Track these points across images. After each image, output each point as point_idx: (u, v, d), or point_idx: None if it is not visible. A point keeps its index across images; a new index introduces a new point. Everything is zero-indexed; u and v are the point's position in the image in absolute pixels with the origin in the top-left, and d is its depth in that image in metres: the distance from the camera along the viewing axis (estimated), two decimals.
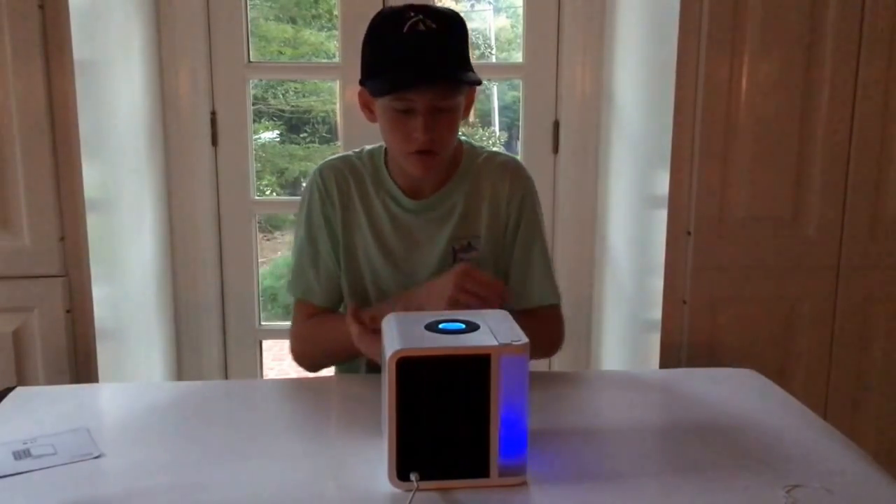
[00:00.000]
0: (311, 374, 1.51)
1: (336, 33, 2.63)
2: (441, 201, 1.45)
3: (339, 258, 1.47)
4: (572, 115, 2.52)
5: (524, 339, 1.01)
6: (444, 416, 0.99)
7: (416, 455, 0.99)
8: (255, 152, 2.65)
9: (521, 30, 2.57)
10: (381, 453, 1.03)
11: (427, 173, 1.40)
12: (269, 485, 1.04)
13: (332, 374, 1.61)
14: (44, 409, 1.29)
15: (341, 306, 1.52)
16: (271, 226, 4.64)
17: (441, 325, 1.05)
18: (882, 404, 1.97)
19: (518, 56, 2.68)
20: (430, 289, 1.30)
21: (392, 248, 1.45)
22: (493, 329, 1.03)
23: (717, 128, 1.83)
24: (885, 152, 1.85)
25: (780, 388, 1.41)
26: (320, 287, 1.48)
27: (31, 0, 1.67)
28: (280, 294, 4.16)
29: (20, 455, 1.11)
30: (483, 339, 1.01)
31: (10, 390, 1.36)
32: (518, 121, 2.64)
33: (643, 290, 2.09)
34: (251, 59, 2.51)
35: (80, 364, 1.80)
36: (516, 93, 2.72)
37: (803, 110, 1.83)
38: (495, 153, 1.51)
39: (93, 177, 1.79)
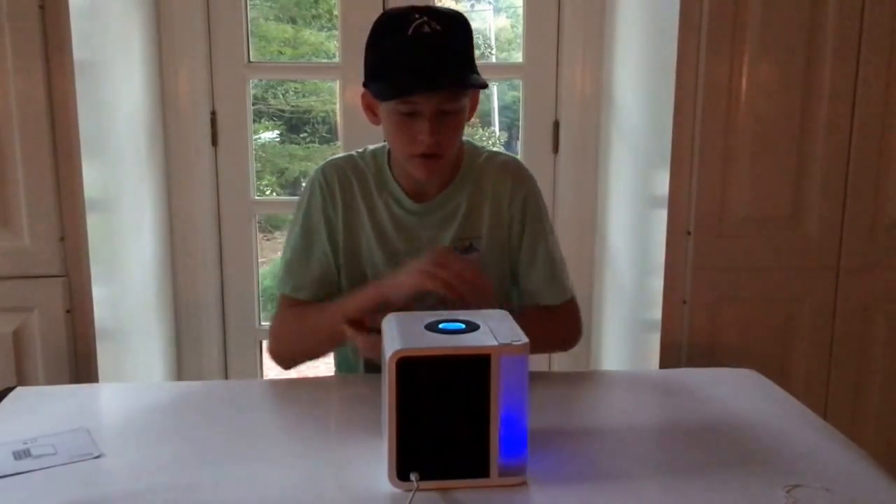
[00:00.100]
0: (285, 370, 1.48)
1: (336, 33, 2.63)
2: (444, 204, 1.45)
3: (338, 258, 1.46)
4: (572, 115, 2.52)
5: (524, 339, 1.01)
6: (444, 416, 0.99)
7: (416, 455, 0.99)
8: (255, 152, 2.65)
9: (521, 30, 2.57)
10: (381, 453, 1.03)
11: (431, 176, 1.39)
12: (269, 485, 1.04)
13: (332, 374, 1.61)
14: (44, 409, 1.29)
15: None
16: (271, 226, 4.63)
17: (441, 325, 1.05)
18: (882, 404, 1.97)
19: (518, 56, 2.68)
20: (407, 267, 1.30)
21: (395, 250, 1.44)
22: (493, 329, 1.03)
23: (717, 128, 1.83)
24: (885, 152, 1.86)
25: (780, 388, 1.41)
26: (309, 285, 1.45)
27: (30, 0, 1.67)
28: None
29: (20, 455, 1.11)
30: (483, 339, 1.01)
31: (10, 390, 1.36)
32: (518, 121, 2.64)
33: (643, 290, 2.09)
34: (251, 59, 2.51)
35: (80, 364, 1.80)
36: (516, 93, 2.72)
37: (803, 110, 1.83)
38: (496, 153, 1.51)
39: (93, 177, 1.79)
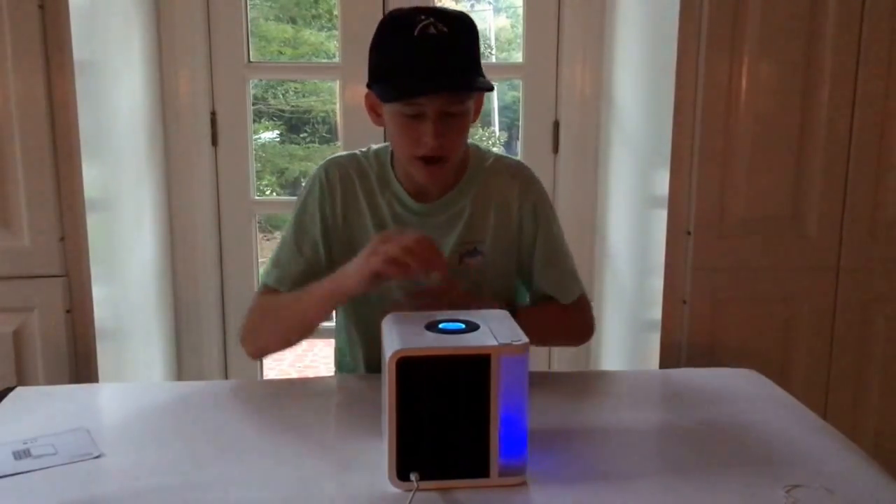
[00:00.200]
0: (254, 358, 1.45)
1: (336, 33, 2.63)
2: (448, 206, 1.44)
3: (333, 255, 1.43)
4: (572, 115, 2.52)
5: (524, 338, 1.01)
6: (444, 416, 0.99)
7: (416, 455, 0.99)
8: (255, 152, 2.65)
9: (521, 30, 2.57)
10: (381, 453, 1.03)
11: (433, 180, 1.38)
12: (269, 485, 1.04)
13: (332, 374, 1.61)
14: (44, 409, 1.29)
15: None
16: (271, 226, 4.63)
17: (441, 325, 1.05)
18: (882, 404, 1.97)
19: (518, 56, 2.68)
20: (353, 261, 1.27)
21: None
22: (493, 329, 1.03)
23: (717, 128, 1.83)
24: (885, 152, 1.85)
25: (780, 388, 1.41)
26: (292, 279, 1.43)
27: (30, 0, 1.67)
28: None
29: (20, 455, 1.11)
30: (483, 339, 1.01)
31: (10, 390, 1.36)
32: (518, 121, 2.64)
33: (643, 290, 2.09)
34: (251, 59, 2.51)
35: (80, 364, 1.80)
36: (516, 93, 2.72)
37: (803, 110, 1.83)
38: (502, 157, 1.50)
39: (93, 177, 1.79)
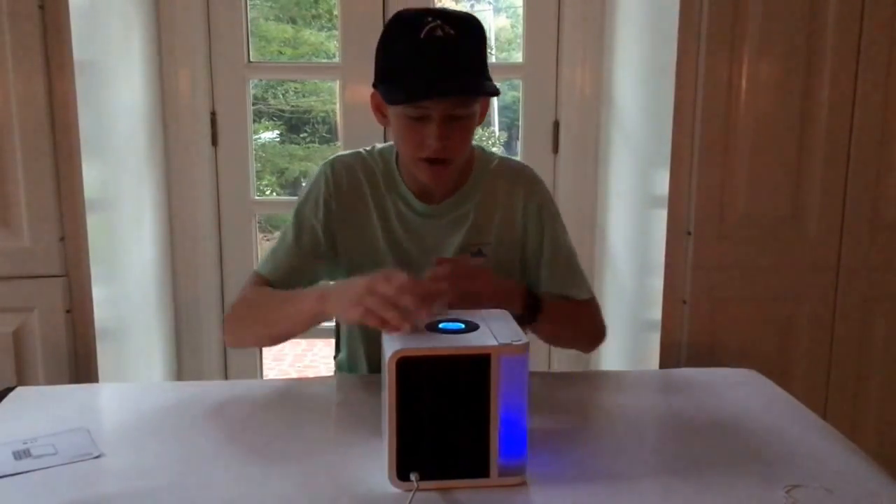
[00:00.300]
0: (235, 347, 1.40)
1: (336, 33, 2.63)
2: (453, 208, 1.44)
3: (335, 252, 1.44)
4: (572, 115, 2.52)
5: (524, 338, 1.01)
6: (444, 416, 0.99)
7: (416, 455, 0.99)
8: (255, 152, 2.65)
9: (521, 30, 2.57)
10: (381, 453, 1.03)
11: (437, 182, 1.38)
12: (269, 485, 1.04)
13: (332, 374, 1.61)
14: (44, 409, 1.29)
15: None
16: (271, 226, 4.63)
17: (441, 325, 1.05)
18: (882, 404, 1.97)
19: (518, 56, 2.68)
20: (341, 291, 1.22)
21: (404, 250, 1.44)
22: (493, 329, 1.03)
23: (717, 128, 1.83)
24: (885, 152, 1.86)
25: (780, 388, 1.41)
26: (284, 271, 1.43)
27: (30, 0, 1.67)
28: None
29: (20, 455, 1.11)
30: (483, 339, 1.01)
31: (10, 390, 1.36)
32: (518, 121, 2.64)
33: (643, 290, 2.09)
34: (251, 59, 2.51)
35: (80, 364, 1.80)
36: (516, 93, 2.72)
37: (803, 110, 1.83)
38: (506, 159, 1.50)
39: (93, 177, 1.79)
